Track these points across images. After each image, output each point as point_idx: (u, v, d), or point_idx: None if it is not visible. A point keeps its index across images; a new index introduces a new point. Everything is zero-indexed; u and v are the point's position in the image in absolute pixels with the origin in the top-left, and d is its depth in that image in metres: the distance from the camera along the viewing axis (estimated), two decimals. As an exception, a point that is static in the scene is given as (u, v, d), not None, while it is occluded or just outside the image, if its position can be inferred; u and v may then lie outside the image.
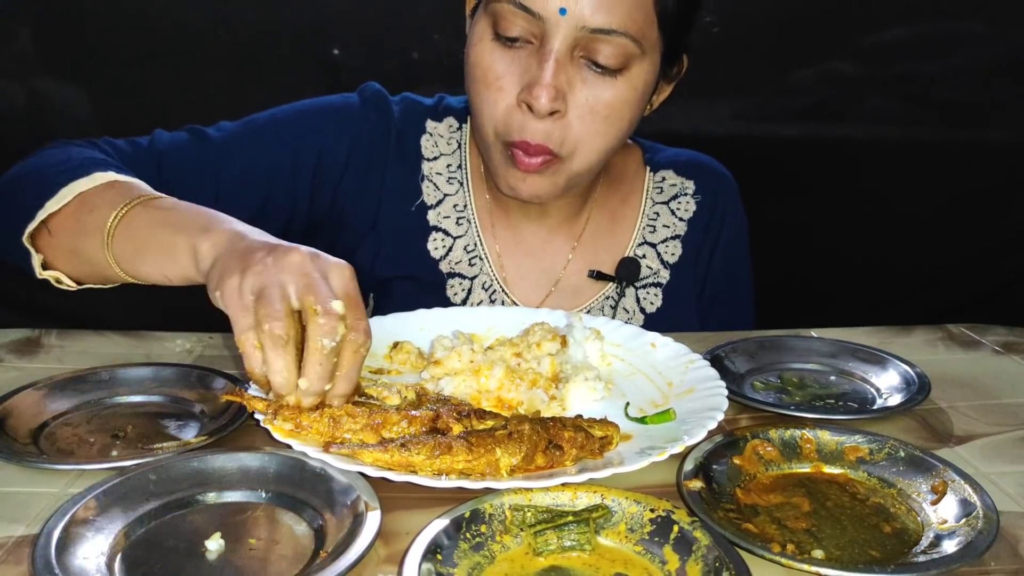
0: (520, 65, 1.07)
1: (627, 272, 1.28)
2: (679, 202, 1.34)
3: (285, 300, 0.78)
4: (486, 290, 1.27)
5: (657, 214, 1.33)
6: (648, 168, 1.36)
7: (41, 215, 0.97)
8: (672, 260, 1.32)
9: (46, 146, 1.11)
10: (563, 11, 1.02)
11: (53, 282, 1.01)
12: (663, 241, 1.32)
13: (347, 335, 0.79)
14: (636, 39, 1.05)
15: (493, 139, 1.12)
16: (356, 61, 1.80)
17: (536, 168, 1.10)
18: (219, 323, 1.12)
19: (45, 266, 1.00)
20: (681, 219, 1.33)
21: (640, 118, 1.16)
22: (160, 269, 0.92)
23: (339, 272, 0.82)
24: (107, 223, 0.93)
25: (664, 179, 1.35)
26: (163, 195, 0.98)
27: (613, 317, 1.27)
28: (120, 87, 1.76)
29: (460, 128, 1.31)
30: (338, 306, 0.78)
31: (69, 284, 1.01)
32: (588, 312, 1.28)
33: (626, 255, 1.31)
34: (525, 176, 1.12)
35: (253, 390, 0.85)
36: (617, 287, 1.29)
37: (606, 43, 1.04)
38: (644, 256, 1.31)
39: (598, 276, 1.29)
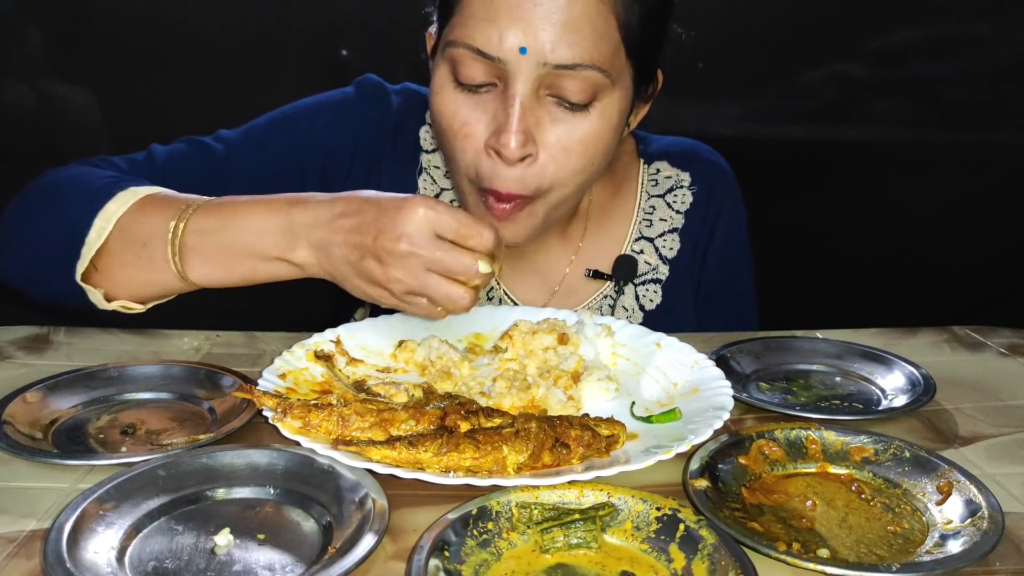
0: (486, 111, 1.02)
1: (624, 270, 1.26)
2: (675, 195, 1.31)
3: (442, 283, 0.88)
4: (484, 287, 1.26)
5: (653, 207, 1.30)
6: (641, 160, 1.33)
7: (87, 253, 0.96)
8: (670, 255, 1.29)
9: (40, 177, 1.08)
10: (523, 50, 0.97)
11: (120, 310, 1.01)
12: (660, 235, 1.29)
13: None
14: (603, 69, 1.00)
15: (467, 185, 1.08)
16: (364, 61, 1.81)
17: (510, 213, 1.06)
18: (226, 322, 1.13)
19: (107, 297, 1.00)
20: (678, 211, 1.30)
21: (617, 143, 1.11)
22: (247, 276, 0.96)
23: (446, 222, 0.88)
24: (167, 253, 0.95)
25: (659, 171, 1.32)
26: (202, 198, 0.98)
27: (612, 316, 1.27)
28: (128, 88, 1.76)
29: None
30: (484, 267, 0.89)
31: (135, 308, 1.02)
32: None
33: (623, 252, 1.28)
34: (502, 222, 1.07)
35: (263, 387, 0.86)
36: (615, 285, 1.27)
37: (572, 78, 0.99)
38: (642, 251, 1.29)
39: (595, 275, 1.27)
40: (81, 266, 0.97)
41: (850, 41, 1.89)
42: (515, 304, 1.27)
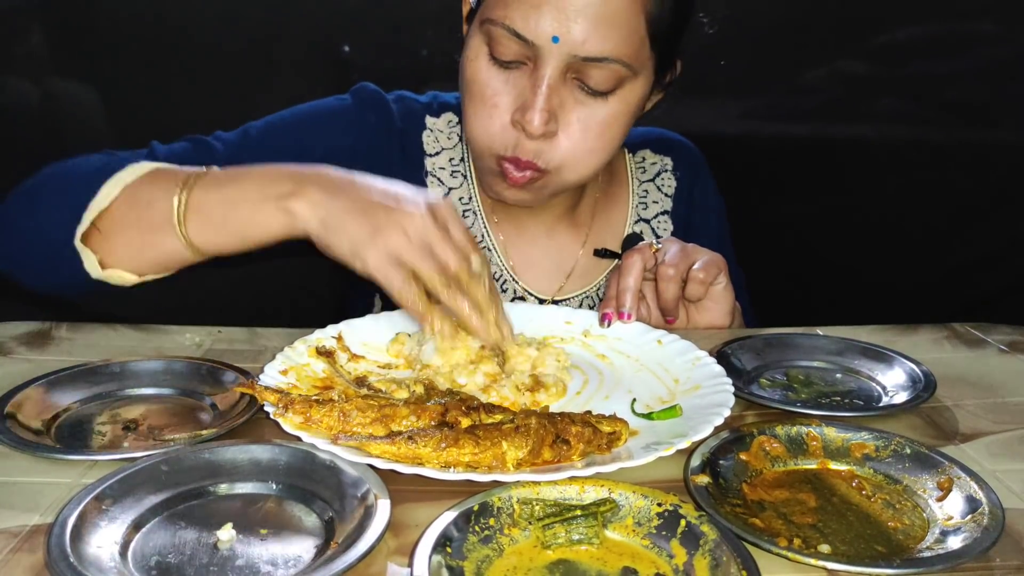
0: (515, 86, 1.09)
1: (632, 247, 1.30)
2: (662, 179, 1.38)
3: (439, 262, 0.90)
4: (496, 280, 1.28)
5: (646, 192, 1.37)
6: (625, 149, 1.39)
7: (89, 215, 0.97)
8: (664, 235, 1.36)
9: (43, 169, 1.09)
10: (555, 39, 1.02)
11: (113, 281, 1.01)
12: (655, 216, 1.36)
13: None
14: (628, 63, 1.06)
15: (485, 151, 1.14)
16: (366, 59, 1.81)
17: (524, 181, 1.13)
18: (228, 318, 1.14)
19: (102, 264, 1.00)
20: (667, 195, 1.38)
21: (631, 127, 1.17)
22: (248, 240, 0.97)
23: (453, 219, 0.92)
24: (174, 212, 0.96)
25: (644, 159, 1.39)
26: (210, 168, 1.00)
27: None
28: (131, 85, 1.76)
29: (460, 123, 1.32)
30: (476, 264, 0.92)
31: (128, 279, 1.01)
32: (599, 291, 1.32)
33: (627, 232, 1.34)
34: (511, 186, 1.14)
35: (264, 383, 0.86)
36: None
37: (598, 69, 1.05)
38: (642, 232, 1.35)
39: (605, 254, 1.31)
40: (82, 227, 0.97)
41: (852, 39, 1.88)
42: (528, 293, 1.31)
